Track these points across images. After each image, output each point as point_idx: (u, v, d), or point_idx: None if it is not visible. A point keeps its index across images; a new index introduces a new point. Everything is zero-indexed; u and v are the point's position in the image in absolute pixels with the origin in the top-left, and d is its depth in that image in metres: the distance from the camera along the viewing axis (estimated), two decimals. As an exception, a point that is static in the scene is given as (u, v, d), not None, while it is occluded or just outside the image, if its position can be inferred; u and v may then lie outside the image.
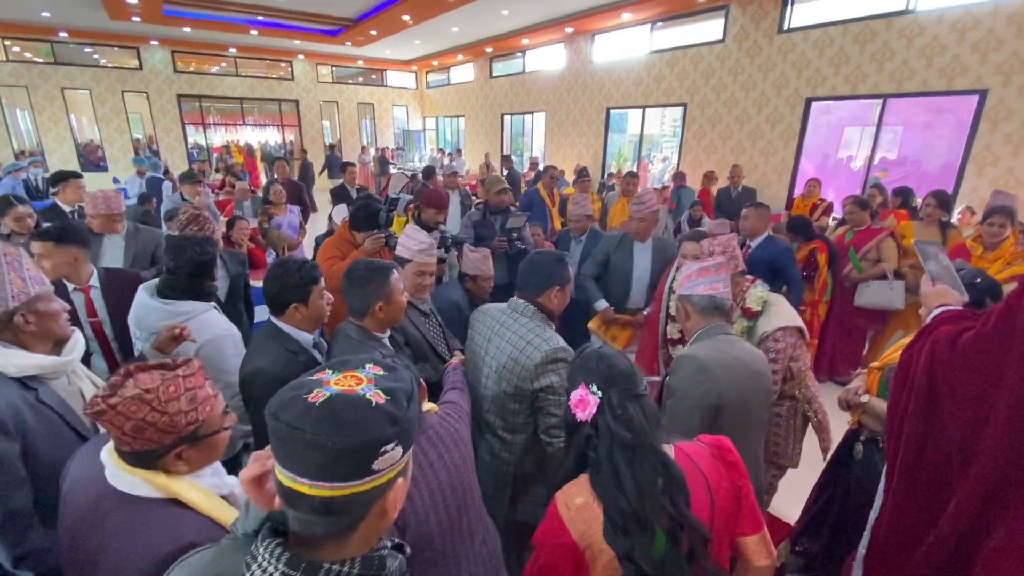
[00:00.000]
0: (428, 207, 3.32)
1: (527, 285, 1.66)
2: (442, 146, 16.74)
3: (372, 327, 1.62)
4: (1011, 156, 5.74)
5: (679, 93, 9.23)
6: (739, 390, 1.49)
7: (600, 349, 1.09)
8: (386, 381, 0.69)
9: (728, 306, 1.65)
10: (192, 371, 0.98)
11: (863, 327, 3.96)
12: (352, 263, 1.64)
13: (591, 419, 0.97)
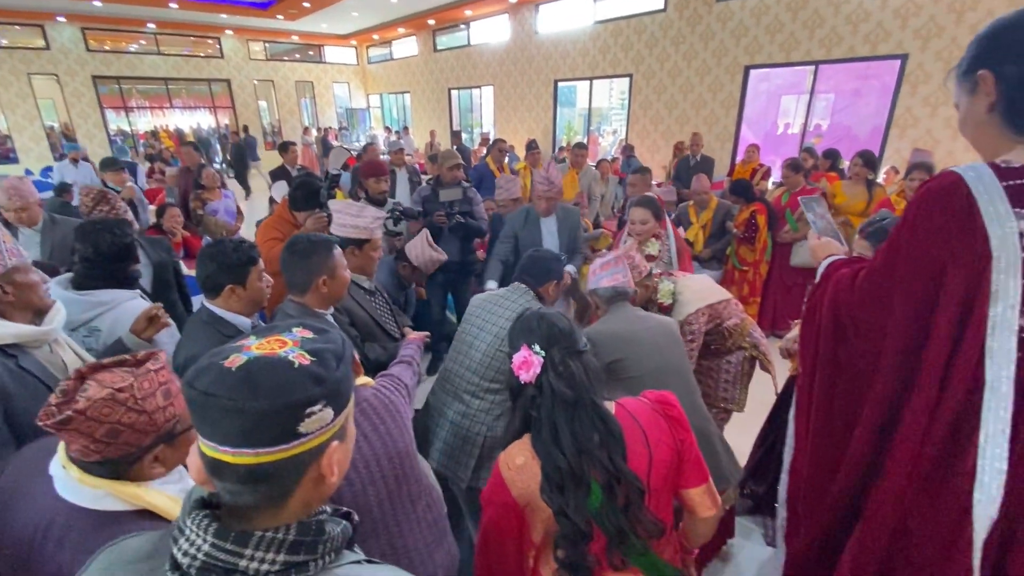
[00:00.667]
0: (368, 177, 3.22)
1: (530, 275, 1.88)
2: (389, 124, 16.23)
3: (314, 303, 1.58)
4: (929, 117, 6.12)
5: (624, 64, 9.27)
6: (627, 343, 1.67)
7: (540, 310, 1.10)
8: (313, 343, 0.66)
9: (631, 292, 1.82)
10: (160, 364, 0.91)
11: (802, 283, 4.18)
12: (293, 237, 1.59)
13: (535, 379, 0.98)
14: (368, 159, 3.65)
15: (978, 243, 0.89)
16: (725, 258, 4.25)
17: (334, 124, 15.92)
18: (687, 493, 1.07)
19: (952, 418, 0.95)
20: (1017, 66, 0.88)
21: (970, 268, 0.90)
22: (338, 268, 1.58)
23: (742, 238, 4.10)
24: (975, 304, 0.90)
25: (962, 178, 0.91)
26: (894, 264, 1.00)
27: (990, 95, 0.92)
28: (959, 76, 0.99)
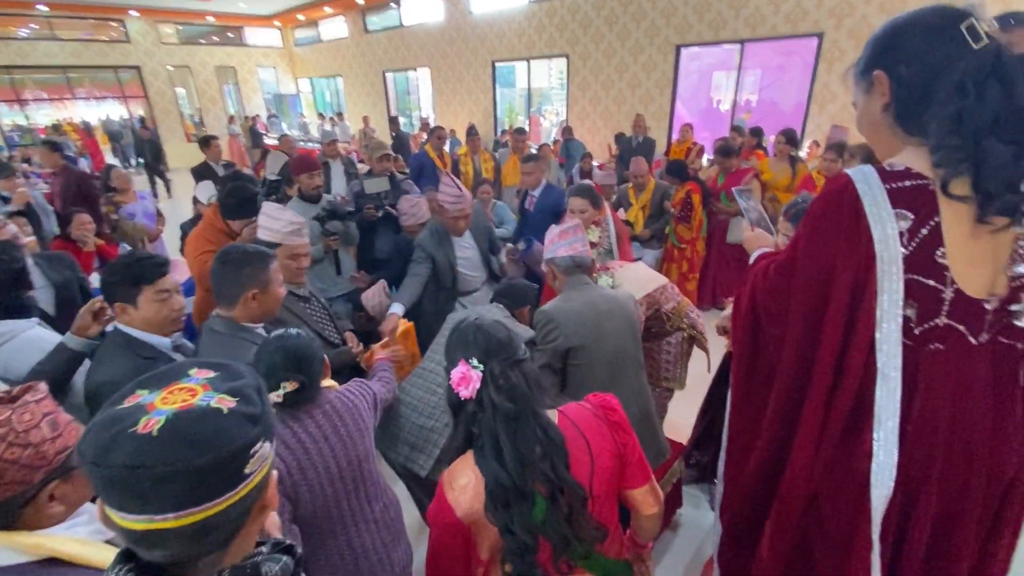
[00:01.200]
0: (299, 173, 3.03)
1: (508, 298, 2.03)
2: (322, 110, 15.50)
3: (242, 317, 1.50)
4: (845, 93, 6.45)
5: (560, 44, 9.25)
6: (590, 330, 1.66)
7: (476, 320, 1.06)
8: (225, 381, 0.62)
9: (589, 262, 1.82)
10: (41, 394, 0.84)
11: (738, 259, 4.38)
12: (226, 246, 1.52)
13: (475, 394, 0.95)
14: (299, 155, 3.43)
15: (863, 243, 0.92)
16: (664, 237, 4.38)
17: (262, 112, 15.03)
18: (630, 494, 1.09)
19: (849, 404, 1.01)
20: (908, 67, 0.89)
21: (857, 266, 0.94)
22: (272, 283, 1.51)
23: (679, 217, 4.23)
24: (863, 299, 0.95)
25: (851, 181, 0.93)
26: (794, 259, 1.05)
27: (884, 95, 0.93)
28: (856, 75, 0.99)
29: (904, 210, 0.89)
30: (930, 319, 0.93)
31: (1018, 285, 0.91)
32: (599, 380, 1.66)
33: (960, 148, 0.83)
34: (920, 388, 0.96)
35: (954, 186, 0.84)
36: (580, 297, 1.72)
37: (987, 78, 0.82)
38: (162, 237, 4.30)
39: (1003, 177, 0.82)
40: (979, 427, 0.96)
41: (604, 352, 1.67)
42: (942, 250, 0.89)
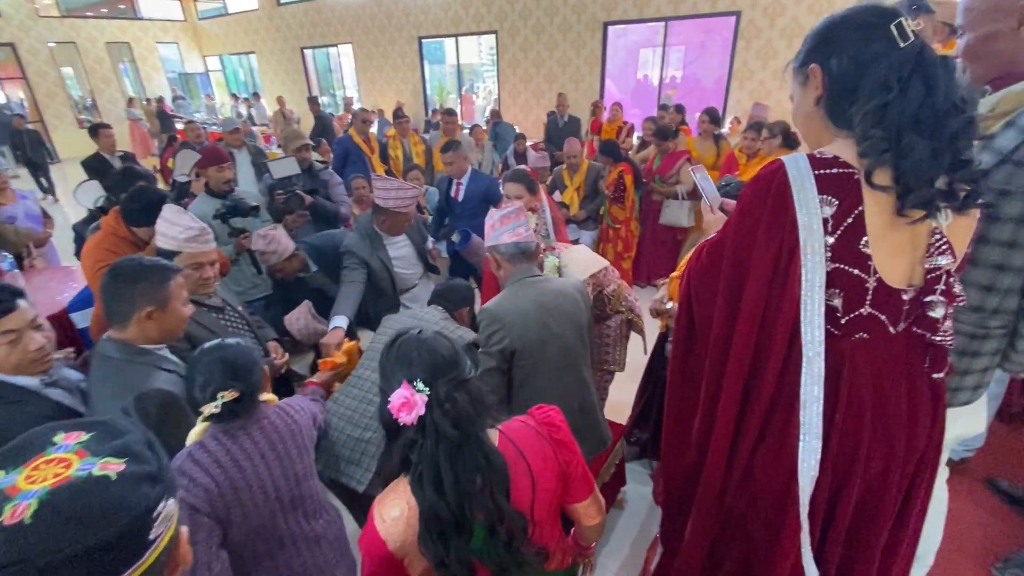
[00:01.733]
0: (207, 166, 2.76)
1: (446, 300, 1.88)
2: (236, 91, 14.36)
3: (138, 339, 1.33)
4: (761, 70, 6.80)
5: (488, 20, 9.02)
6: (536, 331, 1.59)
7: (419, 335, 0.97)
8: (104, 442, 0.54)
9: (534, 247, 1.73)
10: None
11: (672, 239, 4.52)
12: (120, 259, 1.34)
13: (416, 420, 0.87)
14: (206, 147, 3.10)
15: (788, 228, 0.94)
16: (600, 217, 4.43)
17: (166, 93, 13.71)
18: (573, 507, 1.07)
19: (770, 387, 1.04)
20: (839, 61, 0.92)
21: (780, 250, 0.96)
22: (172, 300, 1.34)
23: (613, 198, 4.28)
24: (786, 284, 0.98)
25: (783, 166, 0.95)
26: (724, 240, 1.08)
27: (817, 89, 0.96)
28: (795, 69, 1.02)
29: (830, 196, 0.92)
30: (855, 308, 0.97)
31: (933, 277, 0.96)
32: (542, 378, 1.63)
33: (883, 140, 0.86)
34: (845, 376, 0.99)
35: (876, 176, 0.87)
36: (527, 294, 1.63)
37: (911, 75, 0.85)
38: (52, 241, 3.83)
39: (921, 172, 0.85)
40: (898, 412, 1.01)
41: (550, 352, 1.62)
42: (865, 239, 0.92)
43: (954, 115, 0.85)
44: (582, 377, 1.73)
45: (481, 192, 3.35)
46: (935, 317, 0.98)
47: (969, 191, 0.90)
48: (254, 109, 11.72)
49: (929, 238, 0.94)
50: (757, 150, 3.71)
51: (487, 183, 3.40)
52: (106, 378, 1.27)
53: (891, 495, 1.06)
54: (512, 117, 9.34)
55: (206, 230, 1.72)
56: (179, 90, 14.07)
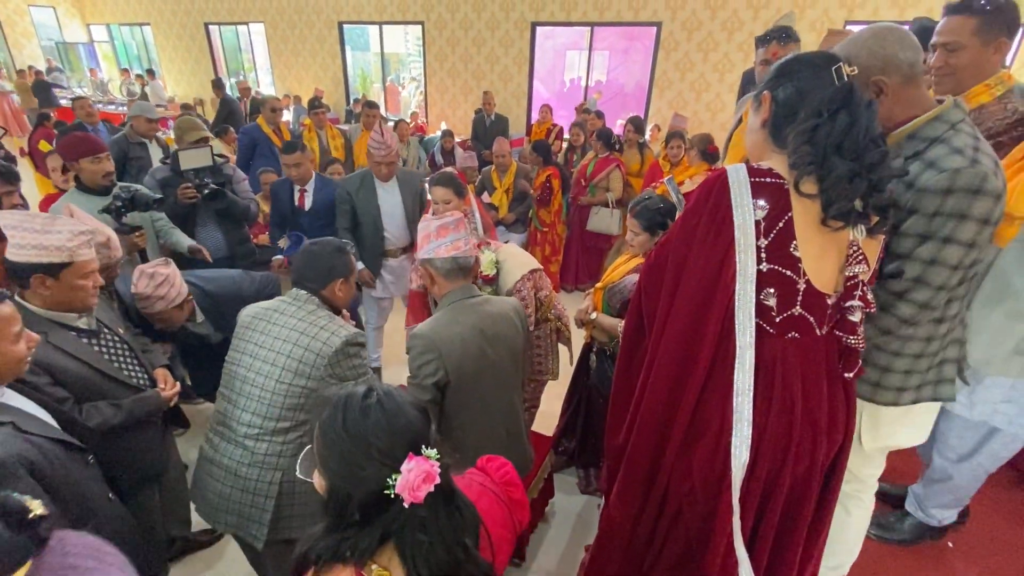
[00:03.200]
0: (78, 158, 2.31)
1: (306, 279, 1.53)
2: (127, 65, 12.84)
3: None
4: (680, 80, 7.12)
5: (414, 10, 8.71)
6: (473, 361, 1.47)
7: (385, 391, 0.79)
8: None
9: (472, 263, 1.59)
10: None
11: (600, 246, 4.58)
12: None
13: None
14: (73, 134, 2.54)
15: (725, 225, 1.05)
16: (528, 220, 4.40)
17: (40, 63, 11.96)
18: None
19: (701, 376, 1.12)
20: (786, 90, 1.08)
21: (717, 246, 1.07)
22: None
23: (539, 200, 4.27)
24: (720, 280, 1.07)
25: (725, 172, 1.07)
26: (671, 238, 1.18)
27: (766, 112, 1.11)
28: (754, 96, 1.16)
29: (762, 201, 1.03)
30: (788, 308, 1.07)
31: (852, 284, 1.08)
32: (474, 408, 1.53)
33: (810, 155, 0.99)
34: (779, 372, 1.09)
35: (803, 185, 1.00)
36: (467, 319, 1.48)
37: (839, 108, 0.99)
38: None
39: (841, 189, 0.98)
40: (820, 409, 1.12)
41: (485, 381, 1.51)
42: (795, 243, 1.03)
43: (872, 148, 0.99)
44: (512, 403, 1.65)
45: (331, 200, 2.92)
46: (854, 321, 1.10)
47: (879, 219, 1.04)
48: (148, 87, 10.53)
49: (848, 249, 1.07)
50: (681, 159, 3.84)
51: (332, 191, 2.98)
52: None
53: (814, 488, 1.18)
54: (439, 112, 9.13)
55: (86, 237, 1.44)
56: (55, 61, 12.32)
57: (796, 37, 2.18)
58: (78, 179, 2.38)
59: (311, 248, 1.56)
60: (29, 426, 1.15)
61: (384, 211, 2.84)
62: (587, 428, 2.52)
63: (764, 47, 2.20)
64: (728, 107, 6.90)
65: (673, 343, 1.14)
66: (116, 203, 2.26)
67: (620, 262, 2.14)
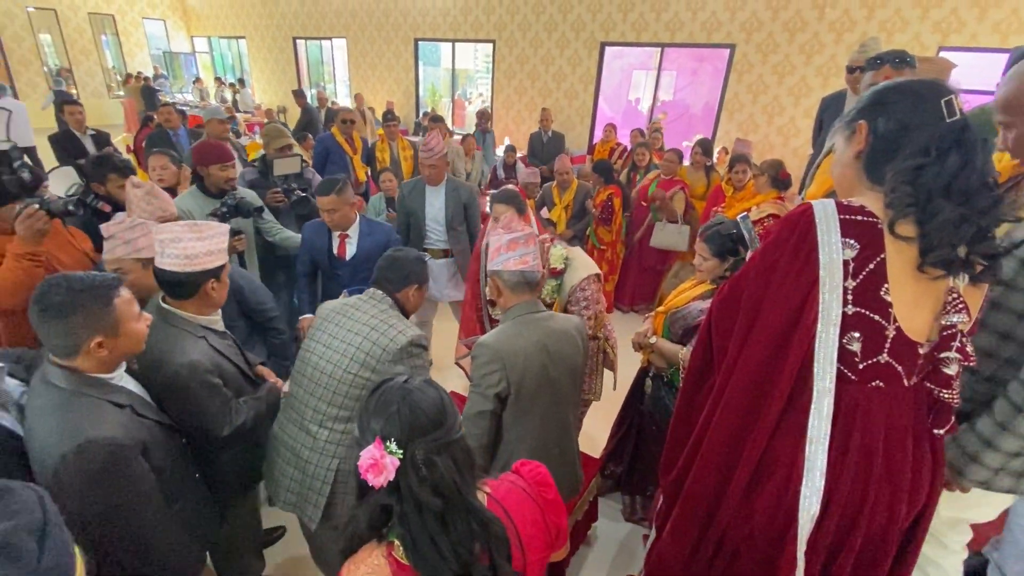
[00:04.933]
0: (208, 165, 2.54)
1: (386, 280, 1.64)
2: (221, 74, 13.99)
3: (91, 368, 1.17)
4: (752, 103, 6.92)
5: (487, 28, 8.99)
6: (535, 376, 1.49)
7: (406, 383, 0.87)
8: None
9: (538, 278, 1.62)
10: None
11: (658, 266, 4.51)
12: (42, 286, 1.12)
13: (386, 484, 0.78)
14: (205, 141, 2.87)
15: (810, 264, 0.98)
16: (586, 238, 4.39)
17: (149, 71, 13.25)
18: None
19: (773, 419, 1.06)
20: (887, 123, 0.98)
21: (800, 285, 1.00)
22: (123, 323, 1.17)
23: (600, 219, 4.26)
24: (800, 320, 1.01)
25: (811, 207, 1.00)
26: (747, 273, 1.12)
27: (860, 144, 1.02)
28: (844, 124, 1.08)
29: (852, 240, 0.96)
30: (873, 355, 0.99)
31: (949, 334, 0.99)
32: (530, 424, 1.54)
33: (911, 196, 0.91)
34: (859, 422, 1.01)
35: (900, 226, 0.92)
36: (531, 335, 1.51)
37: (951, 147, 0.91)
38: None
39: (945, 234, 0.90)
40: (903, 466, 1.04)
41: (544, 398, 1.52)
42: (886, 287, 0.96)
43: (984, 192, 0.91)
44: (567, 422, 1.66)
45: (380, 247, 2.41)
46: (949, 374, 1.01)
47: (986, 266, 0.94)
48: (239, 95, 11.41)
49: (946, 296, 0.98)
50: (745, 184, 3.72)
51: (386, 236, 2.60)
52: (48, 410, 1.11)
53: (889, 550, 1.09)
54: (504, 128, 9.31)
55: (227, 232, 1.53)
56: (161, 69, 13.62)
57: (913, 63, 2.02)
58: (200, 181, 2.59)
59: (394, 254, 1.67)
60: (144, 410, 1.26)
61: (428, 213, 3.07)
62: (636, 455, 2.46)
63: (874, 70, 2.08)
64: (803, 132, 6.62)
65: (745, 382, 1.08)
66: (222, 209, 2.46)
67: (685, 287, 2.10)
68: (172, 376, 1.37)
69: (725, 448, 1.13)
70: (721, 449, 1.13)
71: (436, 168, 2.95)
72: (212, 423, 1.46)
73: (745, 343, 1.09)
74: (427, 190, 3.06)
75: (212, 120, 3.94)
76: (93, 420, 1.11)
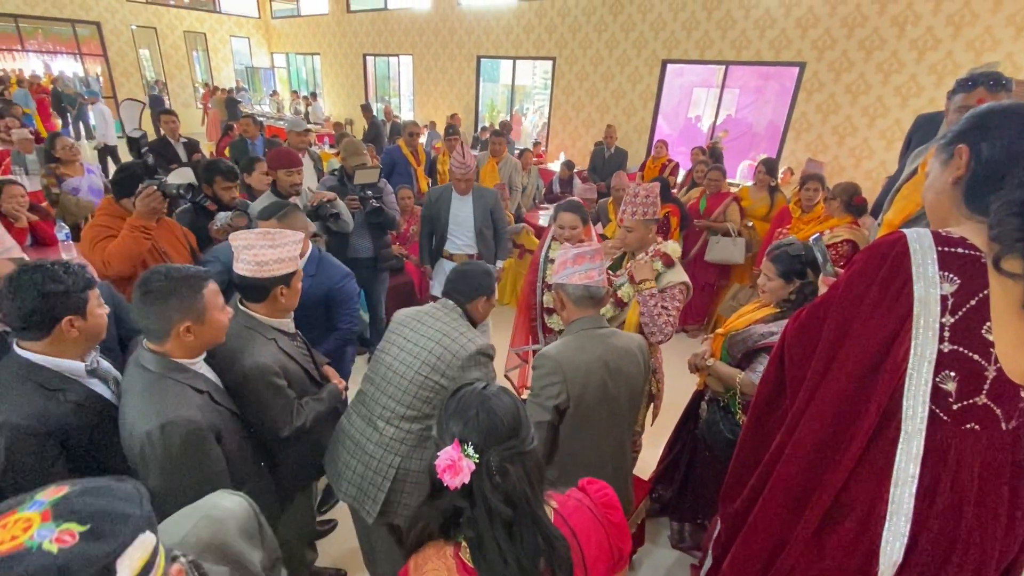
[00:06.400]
0: (277, 169, 2.83)
1: (457, 291, 1.70)
2: (296, 88, 14.91)
3: (178, 353, 1.29)
4: (821, 123, 6.64)
5: (548, 46, 9.14)
6: (595, 391, 1.49)
7: (485, 389, 0.89)
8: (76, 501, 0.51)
9: (603, 294, 1.63)
10: None
11: (713, 284, 4.39)
12: (147, 273, 1.26)
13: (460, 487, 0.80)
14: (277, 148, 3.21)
15: (902, 297, 0.93)
16: (640, 255, 4.34)
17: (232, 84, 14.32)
18: None
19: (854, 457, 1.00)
20: (991, 147, 0.92)
21: (890, 319, 0.95)
22: (209, 311, 1.29)
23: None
24: (889, 356, 0.95)
25: (904, 237, 0.94)
26: (829, 303, 1.07)
27: (960, 169, 0.96)
28: (940, 146, 1.01)
29: (952, 274, 0.90)
30: (970, 396, 0.93)
31: None
32: (585, 439, 1.55)
33: (1019, 229, 0.84)
34: (950, 465, 0.95)
35: (1007, 262, 0.85)
36: (594, 349, 1.52)
37: None
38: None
39: None
40: (997, 514, 0.97)
41: (601, 414, 1.53)
42: (988, 325, 0.90)
43: None
44: (623, 442, 1.65)
45: (319, 295, 2.15)
46: None
47: None
48: (311, 108, 12.12)
49: None
50: (815, 205, 3.57)
51: (330, 283, 2.19)
52: (138, 391, 1.23)
53: None
54: (560, 143, 9.39)
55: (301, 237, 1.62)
56: (243, 82, 14.69)
57: (1009, 86, 1.90)
58: (274, 184, 2.87)
59: (465, 267, 1.76)
60: (219, 397, 1.37)
61: (454, 219, 3.29)
62: (687, 480, 2.39)
63: (966, 92, 1.96)
64: (877, 154, 6.29)
65: (824, 415, 1.03)
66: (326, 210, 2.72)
67: (747, 310, 2.04)
68: (241, 376, 1.47)
69: (797, 482, 1.07)
70: (793, 483, 1.08)
71: (469, 181, 3.20)
72: (274, 423, 1.54)
73: (826, 375, 1.04)
74: (454, 198, 3.28)
75: (292, 132, 4.24)
76: (176, 402, 1.21)
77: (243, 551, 0.81)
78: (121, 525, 0.50)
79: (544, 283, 2.67)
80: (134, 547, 0.51)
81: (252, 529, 0.88)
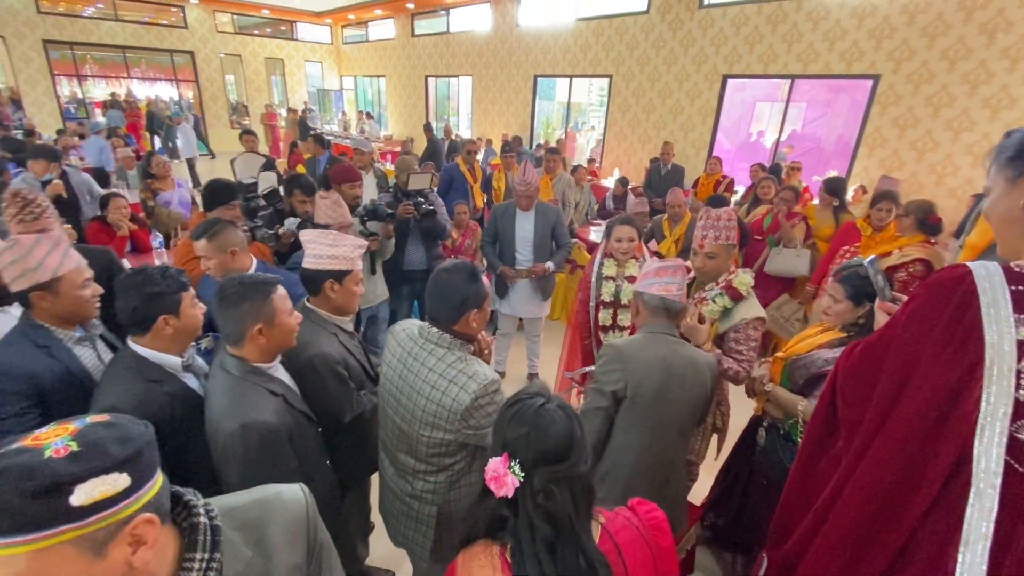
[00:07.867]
0: (340, 183, 3.10)
1: (439, 315, 1.42)
2: (362, 108, 15.75)
3: (253, 356, 1.39)
4: (897, 138, 6.26)
5: (605, 64, 9.18)
6: (653, 387, 1.51)
7: (541, 406, 0.87)
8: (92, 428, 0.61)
9: (678, 308, 1.65)
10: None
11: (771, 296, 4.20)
12: (225, 280, 1.40)
13: (505, 498, 0.81)
14: (339, 165, 3.50)
15: (971, 342, 0.85)
16: (696, 274, 4.24)
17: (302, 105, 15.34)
18: None
19: (919, 512, 0.93)
20: None
21: (958, 367, 0.87)
22: (278, 314, 1.38)
23: (713, 255, 4.08)
24: (958, 404, 0.87)
25: (971, 273, 0.86)
26: (888, 343, 0.99)
27: None
28: (1002, 159, 0.90)
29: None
30: None
31: None
32: (635, 439, 1.56)
33: None
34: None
35: None
36: (658, 350, 1.56)
37: None
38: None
39: None
40: None
41: (655, 416, 1.53)
42: None
43: None
44: (674, 454, 1.63)
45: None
46: None
47: None
48: (366, 125, 12.83)
49: None
50: (887, 224, 3.36)
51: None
52: (220, 392, 1.33)
53: None
54: (614, 159, 9.35)
55: (362, 249, 1.74)
56: (311, 103, 15.71)
57: None
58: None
59: (441, 277, 1.43)
60: (293, 400, 1.45)
61: (518, 235, 3.36)
62: (742, 509, 2.29)
63: None
64: (962, 171, 5.83)
65: (884, 465, 0.97)
66: (363, 212, 2.99)
67: (810, 333, 1.95)
68: (307, 362, 1.58)
69: (855, 533, 1.01)
70: (849, 533, 1.02)
71: (530, 198, 3.28)
72: (337, 408, 1.65)
73: (886, 422, 0.97)
74: (518, 214, 3.35)
75: (356, 151, 4.53)
76: (253, 405, 1.30)
77: (276, 546, 0.82)
78: (99, 459, 0.59)
79: (599, 301, 2.66)
80: (99, 480, 0.58)
81: (298, 531, 0.87)
